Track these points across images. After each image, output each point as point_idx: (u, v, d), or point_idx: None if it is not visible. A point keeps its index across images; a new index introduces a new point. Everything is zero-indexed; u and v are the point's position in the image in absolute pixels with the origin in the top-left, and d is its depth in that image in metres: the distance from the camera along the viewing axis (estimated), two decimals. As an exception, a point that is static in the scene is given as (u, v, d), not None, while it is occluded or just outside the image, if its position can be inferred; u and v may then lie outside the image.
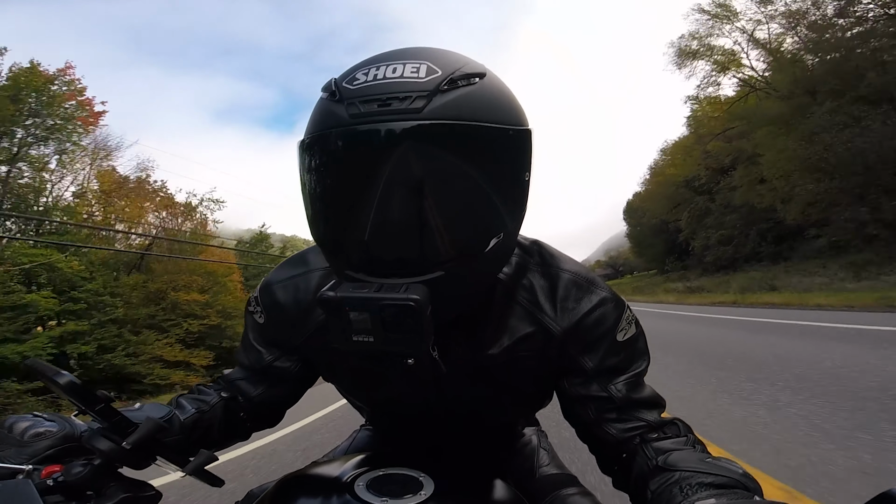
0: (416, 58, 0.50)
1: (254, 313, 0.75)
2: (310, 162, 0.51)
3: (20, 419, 0.55)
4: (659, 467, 0.54)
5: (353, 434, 1.00)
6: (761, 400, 3.55)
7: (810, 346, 5.45)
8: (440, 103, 0.46)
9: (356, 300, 0.47)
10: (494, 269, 0.59)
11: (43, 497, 0.46)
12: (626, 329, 0.65)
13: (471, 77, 0.49)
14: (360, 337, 0.48)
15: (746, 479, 0.49)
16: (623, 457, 0.64)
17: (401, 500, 0.51)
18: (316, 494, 0.56)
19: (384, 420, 0.88)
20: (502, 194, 0.51)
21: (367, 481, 0.54)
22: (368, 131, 0.46)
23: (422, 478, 0.55)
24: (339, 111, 0.48)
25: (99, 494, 0.51)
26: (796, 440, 2.65)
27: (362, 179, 0.47)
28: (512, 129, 0.51)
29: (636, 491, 0.59)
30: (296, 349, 0.73)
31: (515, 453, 0.92)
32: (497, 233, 0.51)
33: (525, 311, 0.65)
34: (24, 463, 0.50)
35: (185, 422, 0.66)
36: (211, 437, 0.70)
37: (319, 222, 0.53)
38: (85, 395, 0.51)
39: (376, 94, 0.47)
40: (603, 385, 0.64)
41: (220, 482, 0.59)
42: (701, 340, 7.35)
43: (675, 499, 0.48)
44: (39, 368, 0.52)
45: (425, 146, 0.46)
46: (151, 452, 0.55)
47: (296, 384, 0.77)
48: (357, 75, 0.50)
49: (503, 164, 0.51)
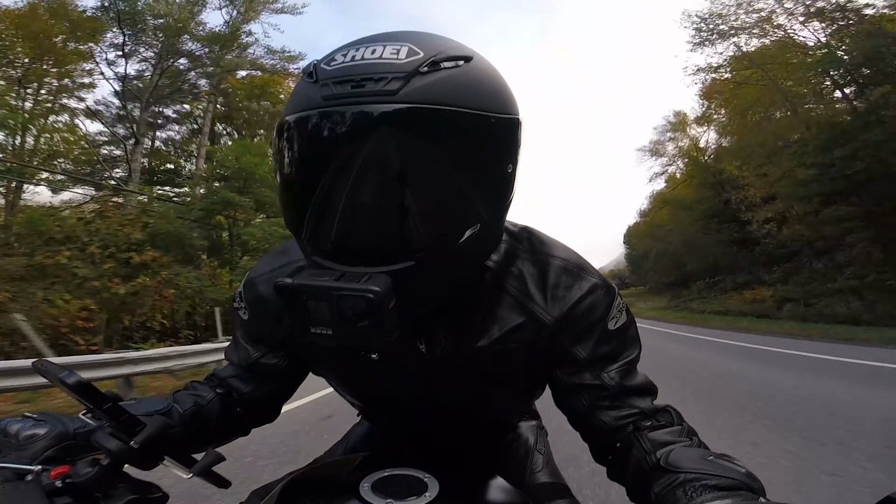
0: (399, 40, 0.48)
1: (239, 309, 0.74)
2: (282, 143, 0.50)
3: (12, 422, 0.55)
4: (661, 467, 0.53)
5: (350, 430, 1.00)
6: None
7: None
8: (418, 85, 0.45)
9: (312, 289, 0.45)
10: (471, 261, 0.56)
11: (51, 499, 0.46)
12: (617, 317, 0.64)
13: (455, 59, 0.48)
14: (318, 329, 0.46)
15: (750, 479, 0.49)
16: (617, 446, 0.63)
17: (405, 501, 0.51)
18: (321, 496, 0.56)
19: (378, 416, 0.88)
20: (481, 184, 0.49)
21: (371, 482, 0.54)
22: (339, 113, 0.45)
23: (426, 479, 0.56)
24: (313, 93, 0.47)
25: (107, 496, 0.51)
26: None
27: (331, 162, 0.46)
28: (494, 116, 0.49)
29: (636, 489, 0.58)
30: (281, 344, 0.72)
31: (510, 453, 0.90)
32: (473, 223, 0.49)
33: (514, 300, 0.63)
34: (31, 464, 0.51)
35: (184, 414, 0.66)
36: (209, 430, 0.70)
37: (289, 205, 0.52)
38: (93, 394, 0.51)
39: (351, 76, 0.45)
40: (595, 374, 0.63)
41: (227, 483, 0.59)
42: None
43: (679, 501, 0.48)
44: (47, 369, 0.52)
45: (398, 130, 0.44)
46: (159, 452, 0.55)
47: (284, 381, 0.76)
48: (336, 56, 0.48)
49: (483, 152, 0.49)
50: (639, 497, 0.57)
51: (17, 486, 0.47)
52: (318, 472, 0.66)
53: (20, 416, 0.56)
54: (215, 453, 0.56)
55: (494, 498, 0.62)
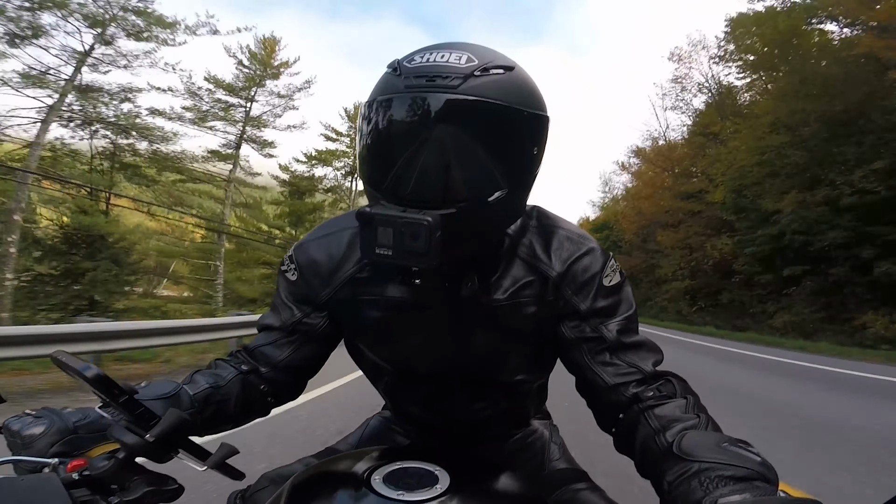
0: (462, 49, 0.63)
1: (287, 272, 0.79)
2: (370, 118, 0.64)
3: (14, 420, 0.56)
4: (673, 454, 0.53)
5: (365, 422, 1.01)
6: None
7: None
8: (472, 84, 0.60)
9: (384, 216, 0.58)
10: (497, 221, 0.68)
11: (69, 490, 0.48)
12: (610, 276, 0.73)
13: (501, 68, 0.62)
14: (381, 249, 0.58)
15: (765, 469, 0.48)
16: (621, 417, 0.66)
17: (416, 493, 0.51)
18: (333, 487, 0.57)
19: (403, 384, 0.88)
20: (509, 159, 0.62)
21: (383, 475, 0.55)
22: (417, 97, 0.60)
23: (437, 471, 0.56)
24: (397, 83, 0.62)
25: (122, 488, 0.52)
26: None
27: (406, 133, 0.61)
28: (526, 111, 0.63)
29: (645, 468, 0.60)
30: (324, 304, 0.77)
31: (525, 446, 0.93)
32: (501, 188, 0.62)
33: (525, 262, 0.74)
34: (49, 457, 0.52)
35: (194, 397, 0.67)
36: (226, 412, 0.71)
37: (369, 164, 0.65)
38: (110, 387, 0.52)
39: (426, 72, 0.60)
40: (594, 326, 0.71)
41: (241, 475, 0.60)
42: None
43: (694, 493, 0.48)
44: (65, 361, 0.53)
45: (455, 114, 0.59)
46: (174, 445, 0.56)
47: (321, 345, 0.80)
48: (415, 57, 0.63)
49: (514, 136, 0.62)
50: (649, 476, 0.59)
51: (35, 478, 0.48)
52: (330, 465, 0.67)
53: (21, 414, 0.57)
54: (229, 446, 0.56)
55: (505, 490, 0.62)
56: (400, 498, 0.50)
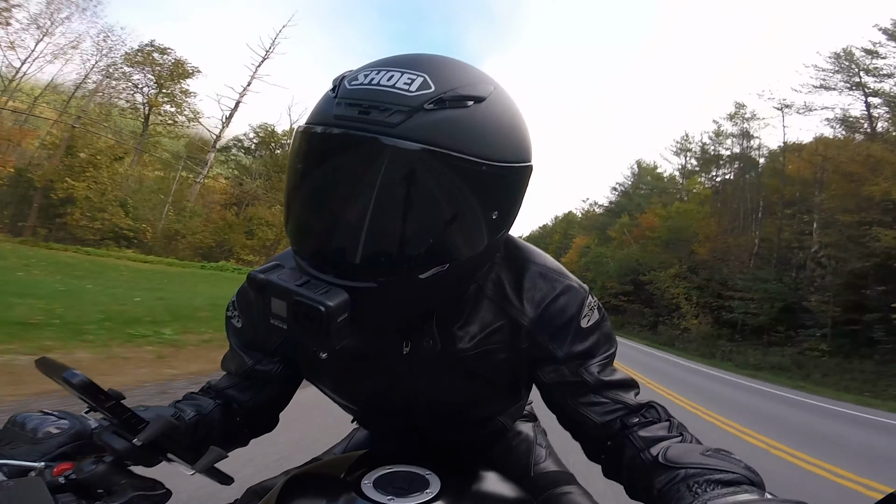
0: (418, 68, 0.49)
1: (232, 318, 0.75)
2: (294, 148, 0.53)
3: (30, 417, 0.55)
4: (660, 464, 0.54)
5: (350, 434, 1.00)
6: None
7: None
8: (418, 123, 0.46)
9: (276, 287, 0.48)
10: (433, 297, 0.57)
11: (54, 495, 0.47)
12: (589, 315, 0.66)
13: (464, 100, 0.49)
14: (276, 321, 0.49)
15: (750, 473, 0.49)
16: (608, 444, 0.64)
17: (407, 498, 0.51)
18: (322, 493, 0.56)
19: (372, 419, 0.88)
20: (459, 227, 0.50)
21: (373, 479, 0.55)
22: (341, 135, 0.48)
23: (428, 475, 0.56)
24: (328, 109, 0.50)
25: (110, 492, 0.51)
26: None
27: (326, 176, 0.50)
28: (487, 163, 0.49)
29: (635, 486, 0.59)
30: (276, 349, 0.73)
31: (510, 450, 0.92)
32: (441, 262, 0.50)
33: (493, 304, 0.66)
34: (36, 460, 0.51)
35: (188, 422, 0.66)
36: (212, 439, 0.70)
37: (287, 205, 0.55)
38: (95, 392, 0.51)
39: (361, 100, 0.48)
40: (574, 371, 0.65)
41: (230, 480, 0.60)
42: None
43: (684, 498, 0.48)
44: (49, 365, 0.52)
45: (388, 162, 0.46)
46: (162, 450, 0.55)
47: (282, 385, 0.77)
48: (359, 75, 0.51)
49: (466, 198, 0.49)
50: (639, 495, 0.58)
51: (20, 483, 0.47)
52: (319, 470, 0.66)
53: (37, 411, 0.56)
54: (217, 450, 0.56)
55: (494, 494, 0.62)
56: (391, 502, 0.50)
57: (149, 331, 5.35)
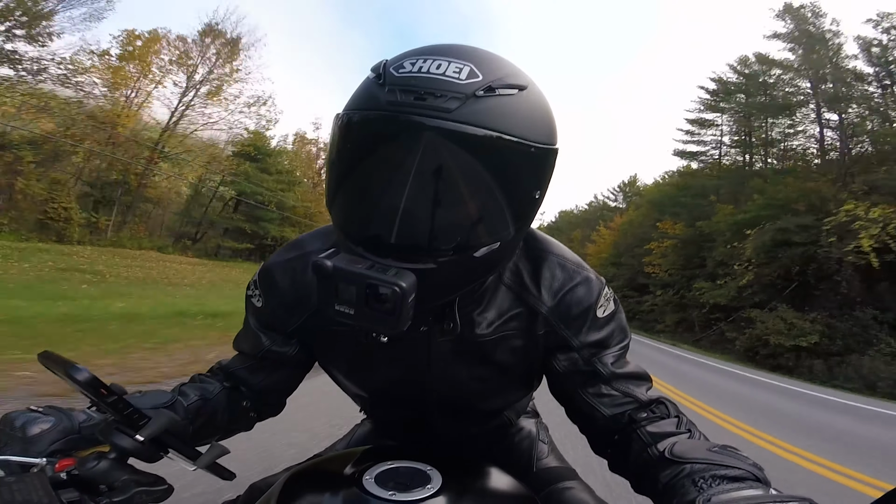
0: (463, 58, 0.51)
1: (252, 297, 0.75)
2: (342, 135, 0.53)
3: (19, 415, 0.55)
4: (666, 458, 0.54)
5: (353, 429, 1.00)
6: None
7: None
8: (472, 108, 0.48)
9: (347, 273, 0.48)
10: (484, 274, 0.59)
11: (57, 491, 0.47)
12: (605, 305, 0.68)
13: (510, 88, 0.51)
14: (342, 307, 0.50)
15: (756, 469, 0.49)
16: (616, 438, 0.65)
17: (409, 493, 0.51)
18: (324, 489, 0.56)
19: (381, 409, 0.88)
20: (509, 206, 0.52)
21: (374, 475, 0.55)
22: (400, 120, 0.48)
23: (429, 471, 0.56)
24: (379, 95, 0.50)
25: (112, 488, 0.51)
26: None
27: (384, 162, 0.50)
28: (535, 146, 0.51)
29: (641, 481, 0.59)
30: (294, 332, 0.74)
31: (513, 446, 0.93)
32: (493, 241, 0.53)
33: (512, 292, 0.67)
34: (35, 457, 0.51)
35: (188, 408, 0.66)
36: (215, 424, 0.71)
37: (336, 192, 0.55)
38: (98, 387, 0.51)
39: (416, 87, 0.49)
40: (588, 360, 0.67)
41: (232, 475, 0.60)
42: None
43: (689, 493, 0.48)
44: (53, 360, 0.52)
45: (447, 146, 0.47)
46: (164, 446, 0.55)
47: (294, 369, 0.78)
48: (405, 63, 0.51)
49: (518, 178, 0.52)
50: (645, 489, 0.58)
51: (21, 479, 0.47)
52: (321, 466, 0.66)
53: (25, 409, 0.56)
54: (220, 446, 0.56)
55: (496, 489, 0.62)
56: (392, 498, 0.50)
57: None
